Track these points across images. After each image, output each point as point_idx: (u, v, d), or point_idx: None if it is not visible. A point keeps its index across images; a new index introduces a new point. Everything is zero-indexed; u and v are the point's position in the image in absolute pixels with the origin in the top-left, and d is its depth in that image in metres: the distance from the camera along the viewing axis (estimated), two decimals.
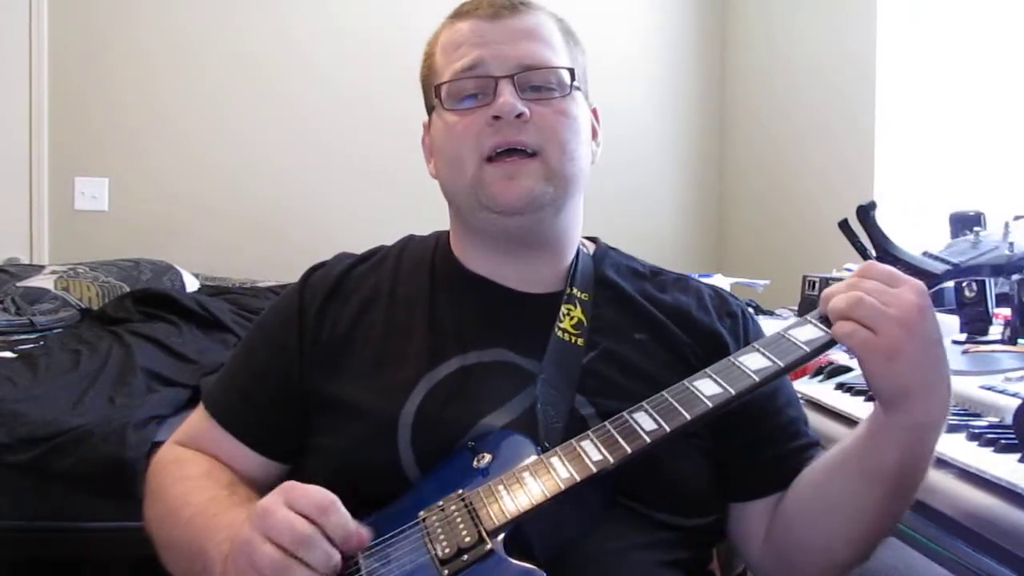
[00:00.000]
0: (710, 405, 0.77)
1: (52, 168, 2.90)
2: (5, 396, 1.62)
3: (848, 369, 1.30)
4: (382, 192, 3.00)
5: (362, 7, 3.09)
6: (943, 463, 0.89)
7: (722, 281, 2.24)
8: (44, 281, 2.36)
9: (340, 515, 0.73)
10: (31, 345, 1.99)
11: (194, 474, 0.92)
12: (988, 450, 0.89)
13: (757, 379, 0.78)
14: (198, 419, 0.99)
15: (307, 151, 3.06)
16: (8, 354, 1.89)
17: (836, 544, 0.86)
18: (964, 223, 1.15)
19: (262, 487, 0.92)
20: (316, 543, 0.71)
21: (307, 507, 0.73)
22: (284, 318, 0.98)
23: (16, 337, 2.04)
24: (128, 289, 2.37)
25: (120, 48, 2.96)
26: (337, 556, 0.72)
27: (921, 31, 2.42)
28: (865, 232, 0.88)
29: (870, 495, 0.81)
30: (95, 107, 2.94)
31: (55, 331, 2.12)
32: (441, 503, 0.78)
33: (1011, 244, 0.88)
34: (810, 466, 0.90)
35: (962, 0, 2.33)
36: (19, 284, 2.33)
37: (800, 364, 0.79)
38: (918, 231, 2.20)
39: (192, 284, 2.59)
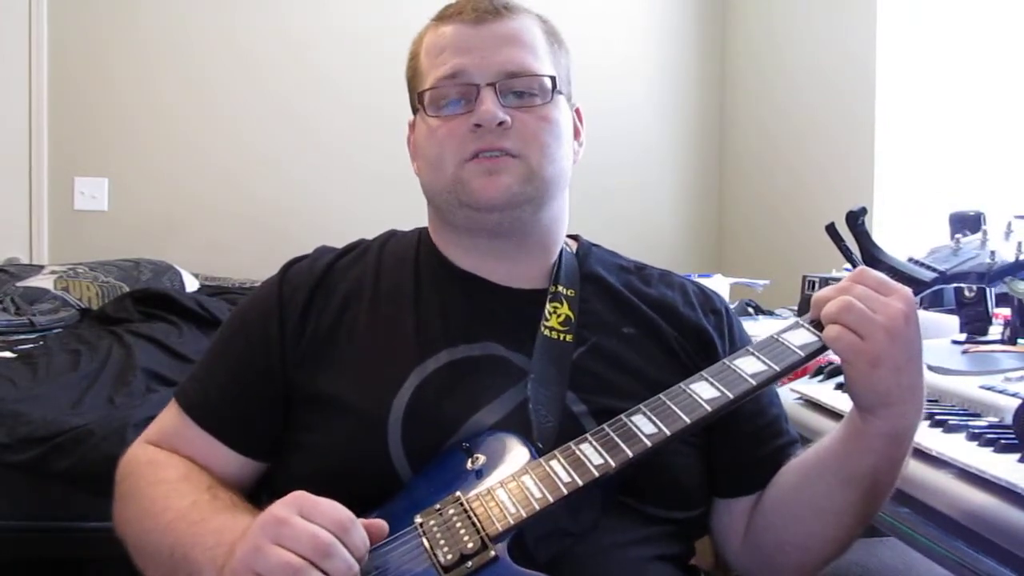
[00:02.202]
0: (709, 409, 0.78)
1: (52, 168, 2.90)
2: (5, 396, 1.62)
3: None
4: (382, 192, 2.99)
5: (362, 8, 3.09)
6: (943, 463, 0.89)
7: (722, 281, 2.24)
8: (44, 281, 2.36)
9: (359, 532, 0.72)
10: (31, 345, 1.99)
11: (171, 477, 0.89)
12: (988, 450, 0.89)
13: (754, 383, 0.79)
14: (171, 417, 0.96)
15: (307, 151, 3.06)
16: (8, 354, 1.89)
17: (812, 542, 0.88)
18: (964, 223, 1.15)
19: (240, 487, 0.92)
20: (338, 553, 0.69)
21: (326, 522, 0.71)
22: (263, 311, 0.95)
23: (16, 337, 2.04)
24: (128, 289, 2.37)
25: (120, 48, 2.95)
26: (357, 568, 0.70)
27: (921, 31, 2.42)
28: (854, 238, 0.89)
29: (845, 498, 0.84)
30: (95, 107, 2.93)
31: (55, 331, 2.12)
32: (438, 506, 0.77)
33: (992, 253, 0.89)
34: (788, 466, 0.92)
35: (962, 0, 2.33)
36: (19, 284, 2.33)
37: (795, 368, 0.80)
38: (918, 231, 2.20)
39: (192, 284, 2.59)
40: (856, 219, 0.88)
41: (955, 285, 1.41)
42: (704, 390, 0.79)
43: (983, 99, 2.25)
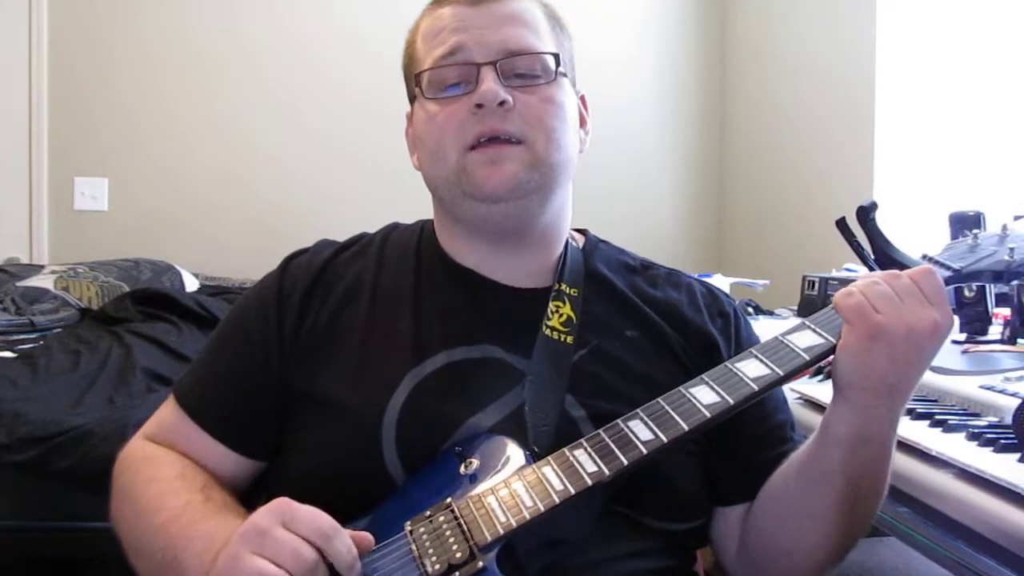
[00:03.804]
0: (708, 415, 0.75)
1: (52, 168, 2.90)
2: (5, 396, 1.62)
3: None
4: (382, 192, 2.99)
5: (362, 7, 3.08)
6: (943, 463, 0.88)
7: (722, 281, 2.23)
8: (44, 281, 2.36)
9: (343, 539, 0.70)
10: (31, 345, 1.99)
11: (167, 475, 0.86)
12: (988, 450, 0.88)
13: (756, 388, 0.75)
14: (169, 412, 0.94)
15: (307, 151, 3.06)
16: (8, 354, 1.90)
17: (795, 547, 0.85)
18: (964, 223, 1.15)
19: (236, 485, 0.90)
20: (319, 571, 0.68)
21: (308, 532, 0.69)
22: (262, 306, 0.93)
23: (16, 337, 2.04)
24: (128, 289, 2.37)
25: (120, 48, 2.95)
26: None
27: (921, 31, 2.42)
28: (864, 233, 0.87)
29: (821, 500, 0.81)
30: (95, 107, 2.93)
31: (55, 331, 2.12)
32: (429, 513, 0.75)
33: (1011, 250, 0.87)
34: (776, 470, 0.89)
35: (962, 0, 2.33)
36: (19, 284, 2.33)
37: (799, 372, 0.77)
38: (918, 231, 2.20)
39: (192, 284, 2.59)
40: (867, 214, 0.86)
41: (956, 285, 1.41)
42: (704, 395, 0.76)
43: (983, 99, 2.25)
